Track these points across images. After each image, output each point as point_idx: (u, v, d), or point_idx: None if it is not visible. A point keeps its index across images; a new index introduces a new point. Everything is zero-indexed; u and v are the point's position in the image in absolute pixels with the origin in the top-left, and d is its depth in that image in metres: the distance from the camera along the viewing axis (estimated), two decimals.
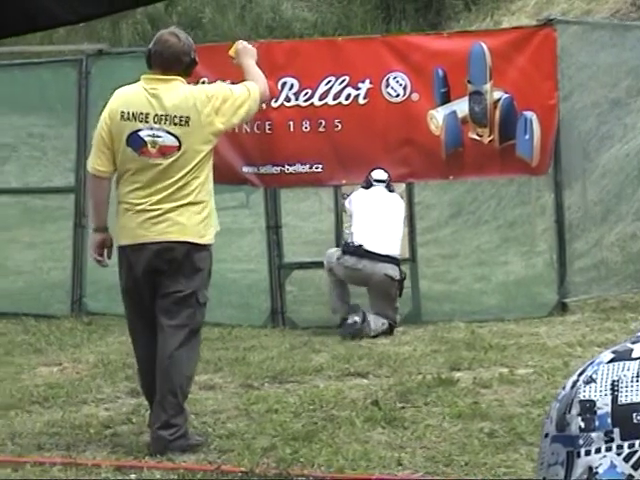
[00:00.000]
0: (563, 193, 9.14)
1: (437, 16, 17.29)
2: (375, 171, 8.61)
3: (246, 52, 5.65)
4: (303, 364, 7.21)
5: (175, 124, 5.24)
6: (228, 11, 18.39)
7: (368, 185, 8.62)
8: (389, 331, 8.31)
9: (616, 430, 1.09)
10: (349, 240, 8.48)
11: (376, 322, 8.23)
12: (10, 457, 5.26)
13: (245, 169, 8.82)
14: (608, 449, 1.09)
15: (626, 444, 1.08)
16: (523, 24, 12.55)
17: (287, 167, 8.80)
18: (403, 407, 6.04)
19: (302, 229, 12.16)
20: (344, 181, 9.03)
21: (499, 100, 8.68)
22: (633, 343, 1.15)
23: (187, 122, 5.23)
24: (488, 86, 8.65)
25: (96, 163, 5.39)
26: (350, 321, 8.19)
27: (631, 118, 11.06)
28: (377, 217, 8.47)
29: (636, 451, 1.08)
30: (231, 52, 5.71)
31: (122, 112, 5.30)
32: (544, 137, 8.66)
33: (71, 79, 9.55)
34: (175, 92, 5.27)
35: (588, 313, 8.76)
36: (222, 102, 5.30)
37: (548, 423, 1.14)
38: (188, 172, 5.24)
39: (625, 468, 1.08)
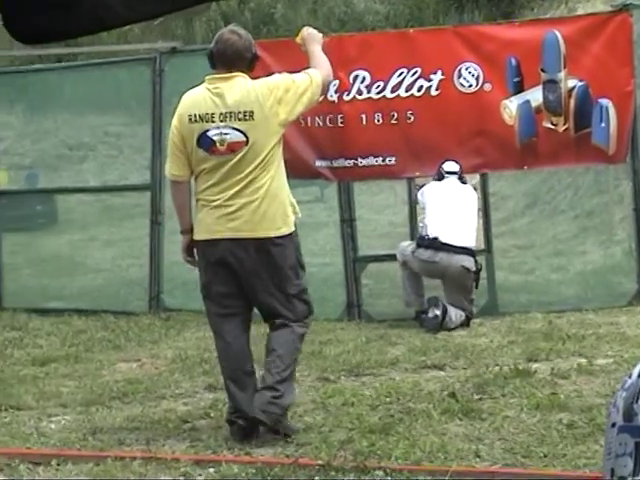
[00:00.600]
0: None
1: (510, 5, 17.13)
2: (447, 163, 8.58)
3: (312, 38, 5.66)
4: (379, 357, 7.21)
5: (240, 119, 5.28)
6: (300, 6, 18.43)
7: (440, 177, 8.59)
8: (466, 323, 8.28)
9: None
10: (423, 233, 8.45)
11: (455, 314, 8.21)
12: (92, 452, 5.34)
13: (318, 163, 8.84)
14: None
15: None
16: (598, 10, 12.39)
17: (360, 160, 8.80)
18: (480, 399, 6.01)
19: (376, 222, 12.16)
20: (417, 173, 9.01)
21: (574, 88, 8.58)
22: None
23: (251, 116, 5.27)
24: (562, 74, 8.56)
25: (172, 168, 5.49)
26: (431, 315, 8.17)
27: None
28: (451, 209, 8.44)
29: None
30: (298, 39, 5.73)
31: (189, 115, 5.37)
32: (620, 125, 8.54)
33: (145, 77, 9.65)
34: (237, 88, 5.32)
35: None
36: (284, 92, 5.32)
37: (614, 412, 1.13)
38: (258, 165, 5.28)
39: None
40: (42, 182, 13.86)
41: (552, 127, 8.64)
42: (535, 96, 8.61)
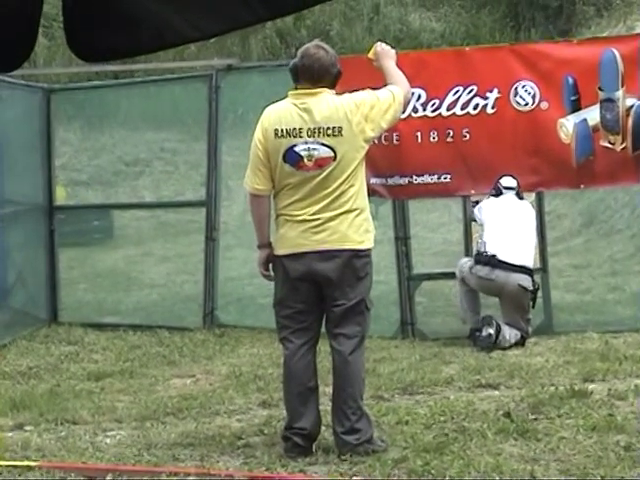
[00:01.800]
0: None
1: (567, 23, 17.06)
2: (504, 178, 8.55)
3: (385, 54, 5.68)
4: (433, 375, 7.18)
5: (328, 135, 5.30)
6: (356, 23, 18.48)
7: (498, 193, 8.56)
8: (521, 342, 8.23)
9: None
10: (482, 249, 8.42)
11: (510, 333, 8.16)
12: (146, 467, 5.36)
13: (373, 180, 8.84)
14: None
15: None
16: None
17: (415, 178, 8.79)
18: (536, 419, 5.97)
19: (431, 240, 12.14)
20: (473, 191, 8.97)
21: (632, 107, 8.52)
22: None
23: (340, 132, 5.31)
24: (620, 93, 8.49)
25: (254, 182, 5.48)
26: (485, 334, 8.13)
27: None
28: (509, 226, 8.40)
29: None
30: (370, 54, 5.74)
31: (276, 130, 5.37)
32: None
33: (202, 94, 9.71)
34: (325, 104, 5.34)
35: None
36: (370, 109, 5.37)
37: None
38: (344, 181, 5.33)
39: None
40: (98, 197, 14.00)
41: (609, 146, 8.57)
42: (592, 115, 8.55)
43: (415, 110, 8.68)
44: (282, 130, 5.35)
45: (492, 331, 8.09)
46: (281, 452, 5.45)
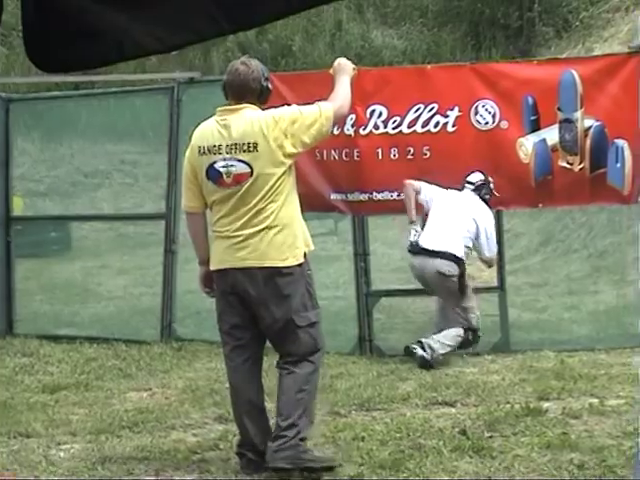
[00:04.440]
0: None
1: (528, 43, 17.20)
2: (472, 174, 8.59)
3: (341, 69, 5.68)
4: (390, 392, 7.19)
5: (244, 151, 5.26)
6: (318, 39, 18.52)
7: (461, 187, 8.60)
8: (468, 339, 8.25)
9: None
10: (413, 239, 8.48)
11: (442, 345, 8.14)
12: None
13: (333, 196, 8.86)
14: None
15: None
16: (614, 51, 12.42)
17: (375, 194, 8.81)
18: (491, 436, 5.99)
19: (390, 256, 12.14)
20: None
21: (590, 128, 8.59)
22: None
23: (255, 148, 5.25)
24: (579, 114, 8.57)
25: (186, 200, 5.54)
26: (418, 355, 8.13)
27: None
28: (442, 216, 8.44)
29: None
30: (331, 70, 5.76)
31: (199, 147, 5.40)
32: (635, 166, 8.54)
33: (163, 107, 9.69)
34: (242, 119, 5.31)
35: None
36: (290, 123, 5.28)
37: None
38: (263, 197, 5.26)
39: None
40: (56, 209, 13.90)
41: (568, 166, 8.64)
42: (551, 135, 8.62)
43: (376, 127, 8.71)
44: (204, 147, 5.37)
45: (421, 352, 8.09)
46: (237, 467, 5.43)
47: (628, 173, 8.55)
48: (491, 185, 8.57)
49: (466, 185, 8.60)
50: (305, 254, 5.37)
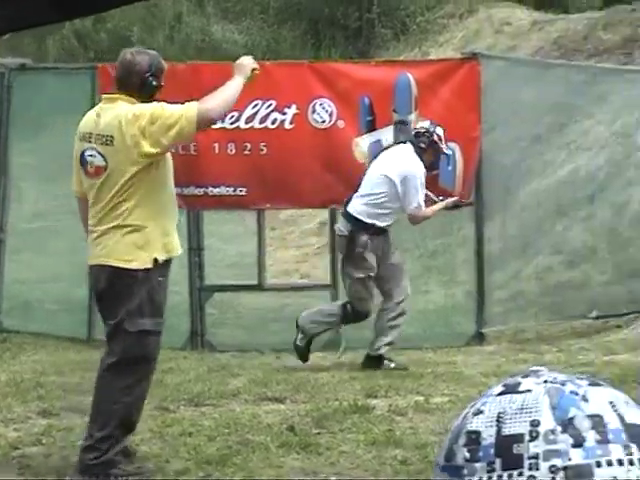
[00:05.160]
0: (484, 225, 9.27)
1: (366, 44, 17.41)
2: (420, 122, 8.16)
3: (238, 68, 5.41)
4: (220, 387, 7.18)
5: (102, 144, 5.14)
6: (157, 31, 18.34)
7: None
8: (345, 315, 8.02)
9: (498, 460, 1.12)
10: None
11: (311, 325, 7.98)
12: None
13: None
14: (489, 479, 1.13)
15: (505, 474, 1.12)
16: (449, 56, 12.70)
17: (211, 189, 8.79)
18: (318, 433, 6.04)
19: (225, 252, 12.13)
20: (268, 205, 9.05)
21: None
22: (523, 377, 1.19)
23: (112, 142, 5.10)
24: (413, 116, 8.73)
25: (72, 184, 5.43)
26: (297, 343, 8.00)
27: (551, 154, 11.24)
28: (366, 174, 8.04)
29: None
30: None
31: (78, 132, 5.31)
32: (466, 169, 8.77)
33: None
34: (112, 111, 5.15)
35: (505, 344, 8.85)
36: (149, 122, 5.05)
37: (439, 453, 1.18)
38: (116, 194, 5.11)
39: None
40: None
41: None
42: (386, 136, 8.75)
43: None
44: (81, 133, 5.28)
45: (299, 338, 7.99)
46: (60, 463, 5.33)
47: (459, 176, 8.77)
48: (435, 133, 7.86)
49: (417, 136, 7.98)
50: (157, 260, 5.13)
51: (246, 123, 8.71)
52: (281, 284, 10.80)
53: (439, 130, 7.92)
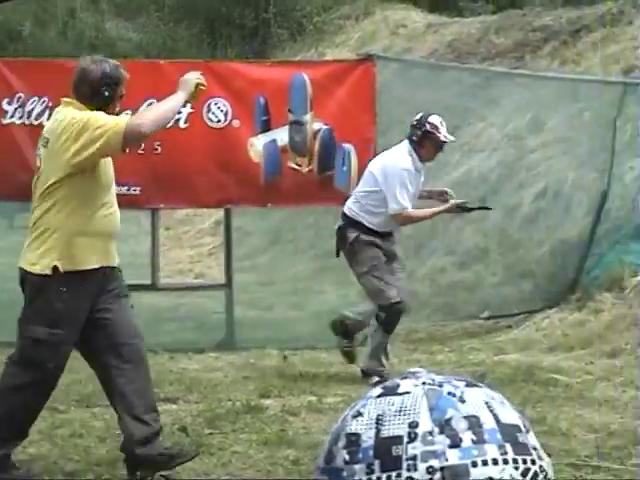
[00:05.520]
0: None
1: (263, 44, 17.43)
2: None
3: (181, 82, 5.19)
4: None
5: (42, 145, 5.12)
6: (50, 26, 18.08)
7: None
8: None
9: (377, 462, 1.13)
10: None
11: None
12: None
13: None
14: None
15: (384, 476, 1.13)
16: (345, 57, 12.77)
17: None
18: (211, 433, 6.03)
19: (119, 251, 12.01)
20: (162, 204, 8.99)
21: (319, 131, 8.80)
22: (402, 379, 1.20)
23: (47, 144, 5.07)
24: (308, 116, 8.76)
25: None
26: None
27: (445, 156, 11.33)
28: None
29: None
30: None
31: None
32: (361, 169, 8.81)
33: None
34: (60, 114, 5.12)
35: (397, 343, 8.91)
36: (81, 130, 4.90)
37: (320, 455, 1.19)
38: (41, 195, 5.07)
39: None
40: None
41: (296, 167, 8.81)
42: (282, 136, 8.77)
43: None
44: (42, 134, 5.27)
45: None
46: None
47: (354, 176, 8.81)
48: (428, 122, 7.30)
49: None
50: (57, 268, 4.97)
51: None
52: (175, 284, 10.75)
53: (433, 118, 7.35)
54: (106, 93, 5.06)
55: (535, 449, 1.18)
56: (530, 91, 10.74)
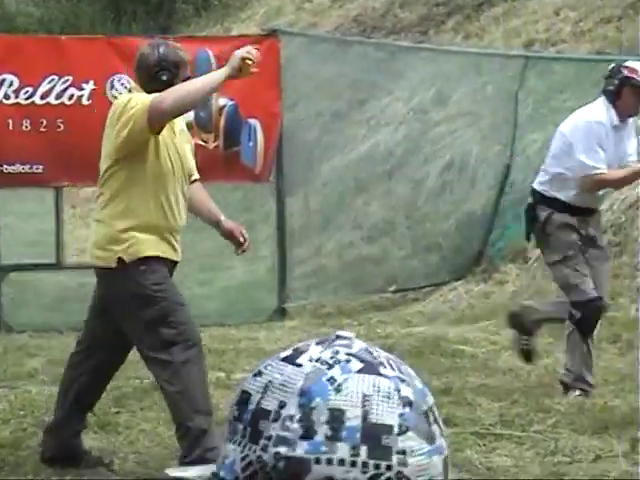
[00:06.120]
0: (285, 201, 9.34)
1: (168, 20, 17.27)
2: None
3: (229, 61, 4.91)
4: (16, 369, 7.02)
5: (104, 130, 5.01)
6: None
7: None
8: None
9: (248, 430, 1.14)
10: None
11: None
12: None
13: None
14: (242, 444, 1.13)
15: (249, 444, 1.13)
16: (250, 33, 12.72)
17: (6, 167, 8.54)
18: (118, 412, 5.99)
19: (23, 230, 11.84)
20: (66, 182, 8.87)
21: (224, 107, 8.75)
22: (316, 344, 1.17)
23: (105, 128, 4.96)
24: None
25: None
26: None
27: (351, 129, 11.41)
28: None
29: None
30: None
31: None
32: (267, 145, 8.81)
33: None
34: (116, 100, 5.08)
35: (306, 319, 8.96)
36: (120, 113, 4.77)
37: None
38: (101, 185, 4.99)
39: None
40: None
41: (202, 143, 8.75)
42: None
43: (7, 97, 8.45)
44: None
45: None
46: None
47: (260, 152, 8.81)
48: (624, 69, 6.17)
49: None
50: (122, 260, 4.85)
51: (42, 99, 8.50)
52: (81, 263, 10.61)
53: (630, 63, 6.24)
54: (163, 77, 4.85)
55: (402, 453, 1.09)
56: (435, 65, 10.82)
